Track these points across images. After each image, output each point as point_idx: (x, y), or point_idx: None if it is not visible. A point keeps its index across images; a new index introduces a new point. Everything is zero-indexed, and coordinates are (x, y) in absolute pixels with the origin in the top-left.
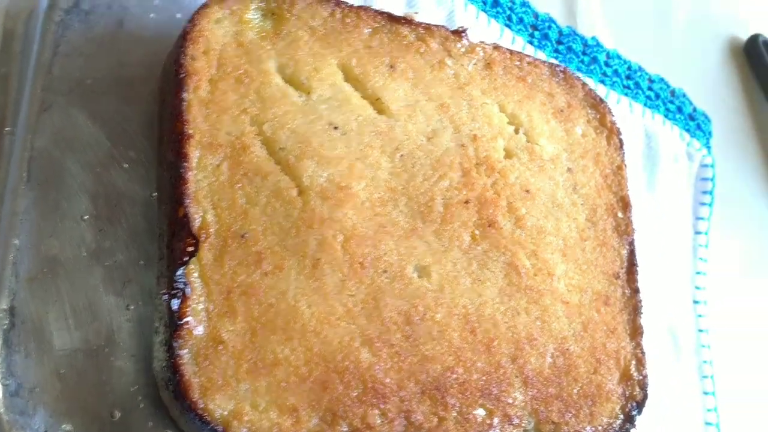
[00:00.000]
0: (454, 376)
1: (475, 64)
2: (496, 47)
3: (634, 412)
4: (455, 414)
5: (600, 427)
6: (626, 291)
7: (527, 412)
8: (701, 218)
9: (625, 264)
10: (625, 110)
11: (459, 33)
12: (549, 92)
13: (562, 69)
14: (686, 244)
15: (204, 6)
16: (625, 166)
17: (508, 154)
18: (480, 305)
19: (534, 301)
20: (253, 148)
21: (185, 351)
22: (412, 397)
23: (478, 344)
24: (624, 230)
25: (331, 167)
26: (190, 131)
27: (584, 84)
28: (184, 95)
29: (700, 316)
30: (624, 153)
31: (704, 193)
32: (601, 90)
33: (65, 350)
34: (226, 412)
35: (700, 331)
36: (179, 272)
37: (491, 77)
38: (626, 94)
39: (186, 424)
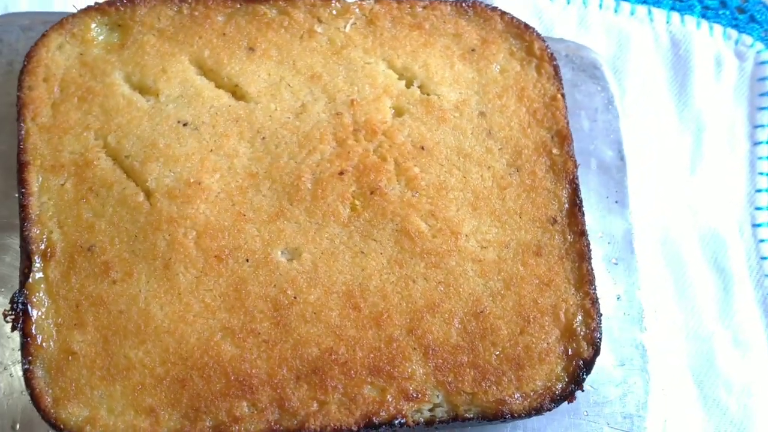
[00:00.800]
0: (334, 356)
1: (353, 24)
2: (379, 0)
3: (581, 372)
4: (339, 396)
5: (533, 393)
6: (568, 236)
7: (431, 385)
8: (761, 126)
9: (566, 206)
10: (641, 19)
11: None
12: (455, 33)
13: (470, 3)
14: (739, 159)
15: (43, 36)
16: (562, 95)
17: (399, 112)
18: (364, 279)
19: (434, 265)
20: (97, 161)
21: (35, 365)
22: (285, 384)
23: (365, 320)
24: (562, 168)
25: (179, 165)
26: (28, 158)
27: (503, 13)
28: (22, 125)
29: (762, 241)
30: (560, 80)
31: (762, 95)
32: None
33: None
34: (80, 419)
35: (763, 258)
36: (17, 294)
37: (376, 33)
38: (645, 2)
39: None
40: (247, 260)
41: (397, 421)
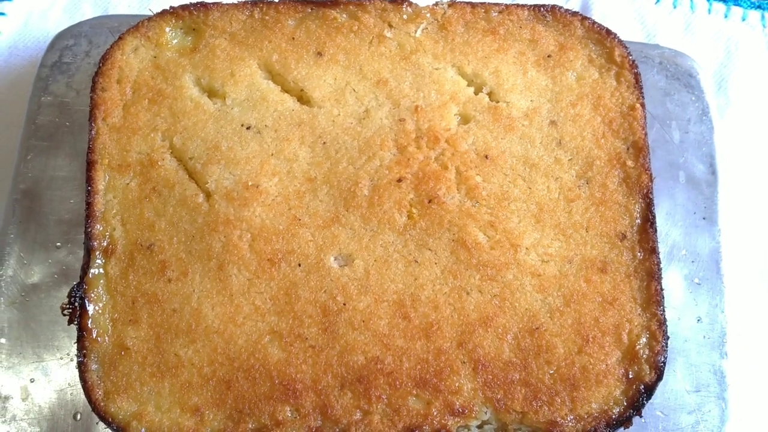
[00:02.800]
0: (380, 366)
1: (425, 29)
2: (453, 3)
3: (641, 397)
4: (383, 406)
5: (588, 416)
6: (638, 253)
7: (479, 401)
8: None
9: (637, 221)
10: (753, 25)
11: (400, 1)
12: (531, 39)
13: (549, 8)
14: None
15: (118, 39)
16: (642, 105)
17: (465, 119)
18: (416, 289)
19: (490, 277)
20: (162, 162)
21: (90, 359)
22: (329, 391)
23: (414, 330)
24: (636, 181)
25: (239, 168)
26: (96, 157)
27: (584, 18)
28: (93, 125)
29: None
30: (641, 89)
31: None
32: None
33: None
34: (128, 414)
35: None
36: (75, 288)
37: (447, 38)
38: (759, 6)
39: None
40: (300, 265)
41: None
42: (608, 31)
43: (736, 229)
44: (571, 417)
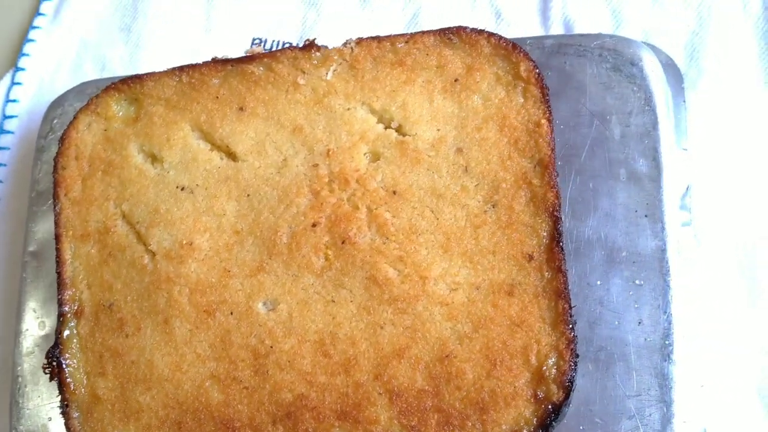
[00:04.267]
0: (305, 402)
1: (335, 70)
2: (360, 41)
3: (549, 418)
4: None
5: None
6: (545, 273)
7: (396, 429)
8: None
9: (545, 241)
10: None
11: (309, 47)
12: (438, 64)
13: (454, 30)
14: None
15: (73, 119)
16: (549, 119)
17: (374, 157)
18: (335, 327)
19: (402, 310)
20: (114, 228)
21: (72, 407)
22: (264, 427)
23: (334, 366)
24: (542, 199)
25: (175, 228)
26: (62, 231)
27: (490, 35)
28: (57, 201)
29: None
30: (548, 103)
31: None
32: None
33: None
34: None
35: None
36: (51, 350)
37: (357, 77)
38: None
39: None
40: (231, 313)
41: None
42: (514, 46)
43: (704, 210)
44: None
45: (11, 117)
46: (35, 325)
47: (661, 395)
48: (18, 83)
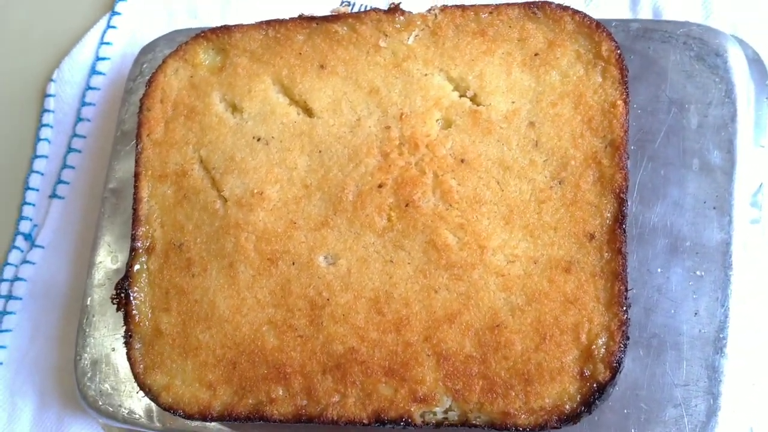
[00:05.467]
0: (356, 355)
1: (416, 35)
2: (444, 8)
3: (593, 395)
4: (357, 391)
5: (540, 409)
6: (605, 253)
7: (440, 391)
8: None
9: (608, 221)
10: None
11: (393, 11)
12: (519, 38)
13: (540, 4)
14: None
15: (162, 63)
16: (625, 101)
17: (446, 124)
18: (390, 286)
19: (457, 277)
20: (191, 172)
21: (134, 339)
22: (313, 376)
23: (386, 324)
24: (610, 180)
25: (248, 177)
26: (141, 169)
27: (575, 12)
28: (139, 141)
29: None
30: (626, 85)
31: None
32: None
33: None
34: (160, 386)
35: None
36: (121, 282)
37: (438, 44)
38: None
39: None
40: (293, 263)
41: (402, 421)
42: (598, 25)
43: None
44: (524, 409)
45: (104, 59)
46: (108, 258)
47: (710, 387)
48: (113, 27)
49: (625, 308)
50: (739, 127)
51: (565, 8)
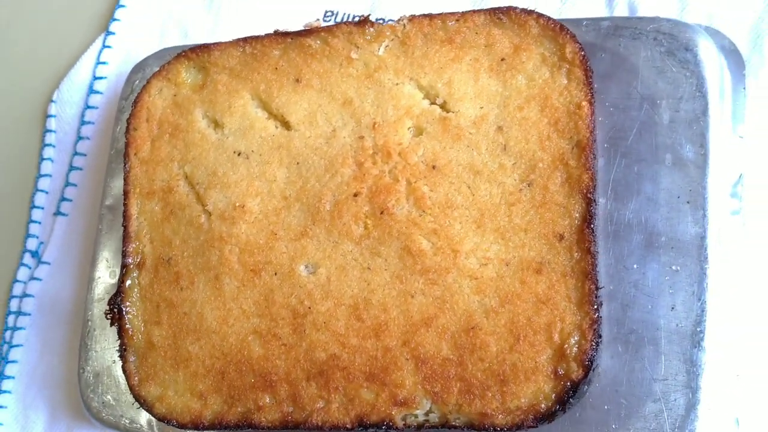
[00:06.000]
0: (337, 362)
1: (387, 46)
2: (412, 18)
3: (567, 395)
4: (340, 396)
5: (517, 409)
6: (575, 253)
7: (420, 393)
8: None
9: (577, 221)
10: None
11: (363, 23)
12: (486, 43)
13: (504, 9)
14: None
15: (146, 84)
16: (590, 102)
17: (418, 132)
18: (369, 293)
19: (432, 281)
20: (177, 188)
21: (129, 352)
22: (298, 383)
23: (366, 330)
24: (577, 180)
25: (230, 191)
26: (129, 188)
27: (539, 16)
28: (127, 160)
29: None
30: (591, 86)
31: None
32: None
33: None
34: (154, 397)
35: None
36: (113, 297)
37: (407, 53)
38: None
39: None
40: (275, 273)
41: (384, 424)
42: (562, 27)
43: (756, 199)
44: (501, 410)
45: (101, 78)
46: (107, 273)
47: (688, 381)
48: (108, 46)
49: (596, 307)
50: (711, 121)
51: (530, 12)
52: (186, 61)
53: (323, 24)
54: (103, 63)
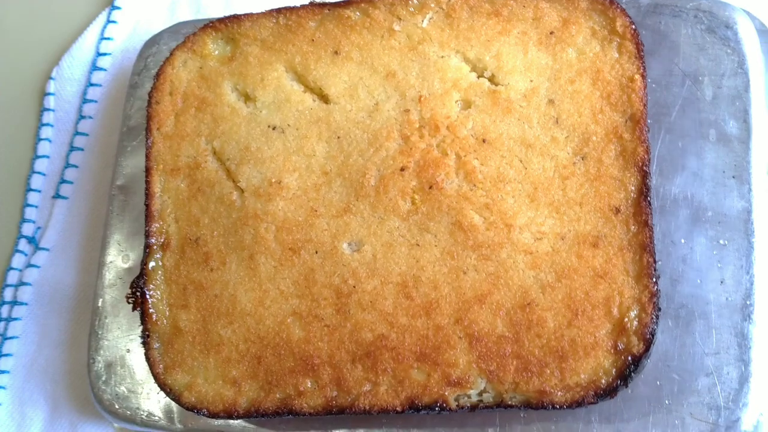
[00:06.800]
0: (386, 342)
1: (431, 18)
2: None
3: (629, 368)
4: (388, 378)
5: (576, 386)
6: (631, 226)
7: (474, 373)
8: None
9: (632, 194)
10: None
11: None
12: (534, 17)
13: None
14: None
15: (170, 56)
16: (643, 75)
17: (466, 105)
18: (418, 270)
19: (485, 257)
20: (205, 164)
21: (152, 338)
22: (342, 365)
23: (416, 309)
24: (632, 153)
25: (265, 166)
26: (152, 164)
27: None
28: (149, 135)
29: None
30: (642, 59)
31: None
32: None
33: None
34: (182, 385)
35: None
36: (136, 280)
37: (452, 25)
38: None
39: None
40: (316, 252)
41: (437, 406)
42: (611, 2)
43: None
44: (560, 386)
45: (105, 54)
46: (119, 257)
47: (740, 354)
48: (113, 21)
49: (654, 279)
50: (753, 97)
51: None
52: (213, 32)
53: None
54: (108, 39)
